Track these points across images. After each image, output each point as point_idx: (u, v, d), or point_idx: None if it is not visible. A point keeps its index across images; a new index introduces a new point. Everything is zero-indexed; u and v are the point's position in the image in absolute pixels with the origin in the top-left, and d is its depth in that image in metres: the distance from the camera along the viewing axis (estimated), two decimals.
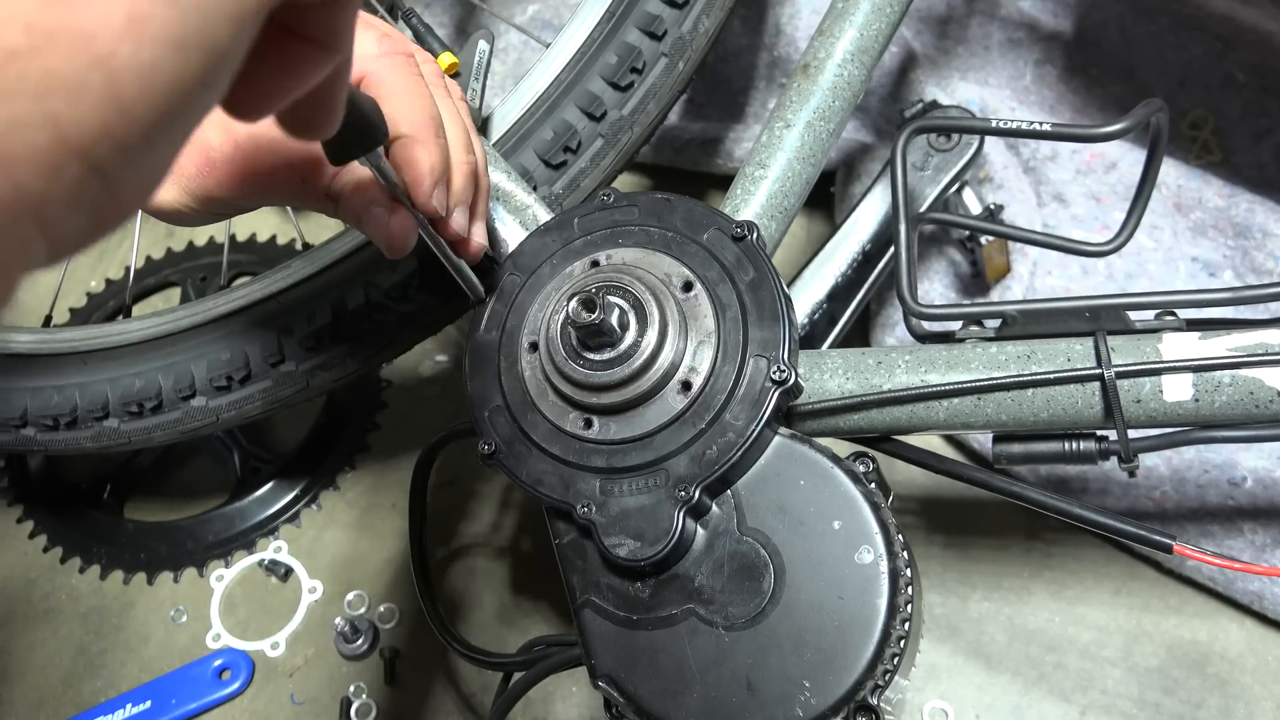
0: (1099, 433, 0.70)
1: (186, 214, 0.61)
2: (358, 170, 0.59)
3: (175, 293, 1.29)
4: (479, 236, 0.66)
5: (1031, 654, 0.92)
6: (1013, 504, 0.71)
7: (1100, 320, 0.68)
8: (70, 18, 0.25)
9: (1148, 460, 0.92)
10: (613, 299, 0.63)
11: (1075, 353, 0.67)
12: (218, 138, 0.57)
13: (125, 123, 0.27)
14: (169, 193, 0.59)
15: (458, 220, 0.63)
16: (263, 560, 1.11)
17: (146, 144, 0.28)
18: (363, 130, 0.51)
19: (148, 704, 1.02)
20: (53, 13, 0.25)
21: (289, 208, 1.23)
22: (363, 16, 0.52)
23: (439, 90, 0.63)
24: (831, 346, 0.90)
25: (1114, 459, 0.69)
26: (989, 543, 0.97)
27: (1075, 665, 0.91)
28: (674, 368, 0.63)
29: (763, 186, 0.77)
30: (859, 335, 1.07)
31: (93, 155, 0.26)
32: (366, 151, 0.53)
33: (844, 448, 0.67)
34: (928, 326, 0.74)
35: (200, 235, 1.32)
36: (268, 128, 0.48)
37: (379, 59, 0.59)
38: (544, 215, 0.75)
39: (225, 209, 0.61)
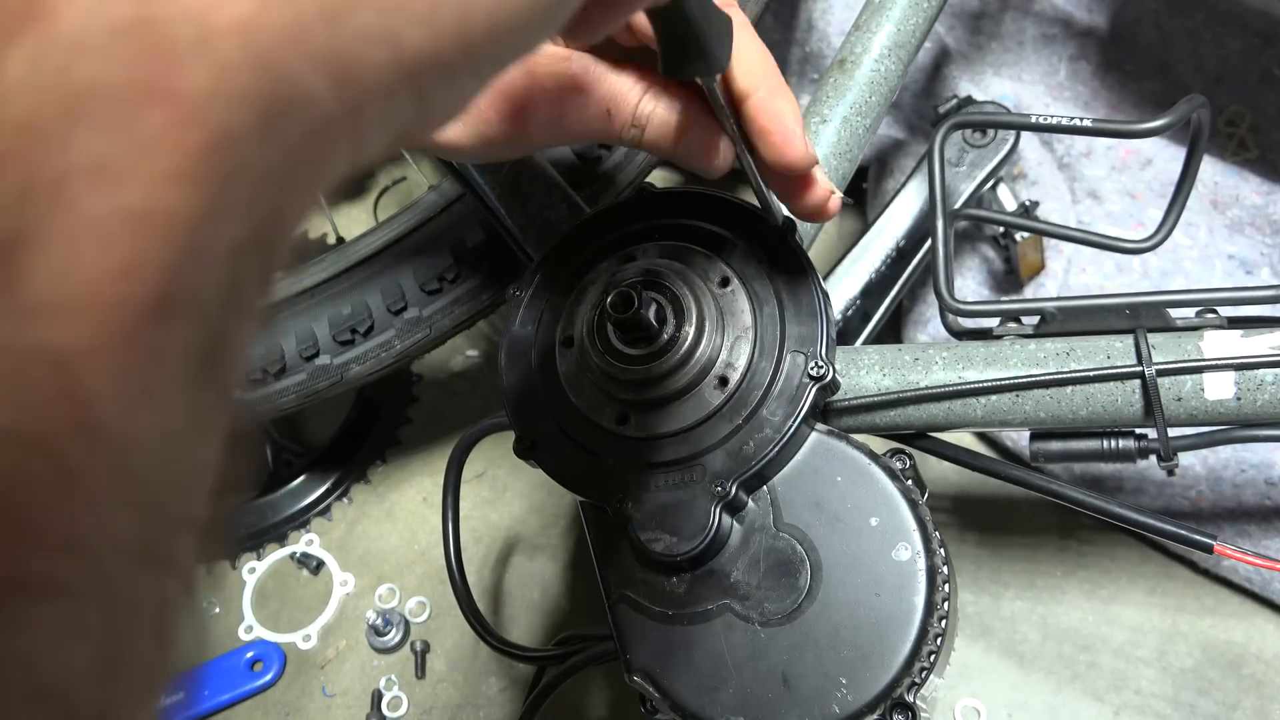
0: (1138, 431, 0.69)
1: (473, 153, 0.59)
2: (664, 96, 0.57)
3: None
4: (835, 200, 0.61)
5: (1065, 653, 0.92)
6: (1045, 502, 0.71)
7: (1140, 318, 0.67)
8: None
9: (1184, 459, 0.92)
10: (650, 294, 0.63)
11: (1115, 350, 0.66)
12: (522, 80, 0.56)
13: (461, 52, 0.25)
14: (460, 132, 0.57)
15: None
16: (294, 553, 1.11)
17: (474, 75, 0.27)
18: (713, 42, 0.48)
19: (180, 695, 1.03)
20: None
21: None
22: None
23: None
24: (865, 343, 0.89)
25: (1153, 458, 0.69)
26: (1022, 541, 0.97)
27: (1109, 665, 0.91)
28: (711, 363, 0.63)
29: None
30: (891, 332, 1.07)
31: (420, 80, 0.25)
32: (709, 73, 0.50)
33: (880, 444, 0.67)
34: (965, 323, 0.74)
35: None
36: (570, 63, 0.47)
37: None
38: (580, 209, 0.75)
39: (516, 149, 0.60)
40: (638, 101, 0.57)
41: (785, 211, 0.64)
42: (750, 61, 0.55)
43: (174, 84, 0.19)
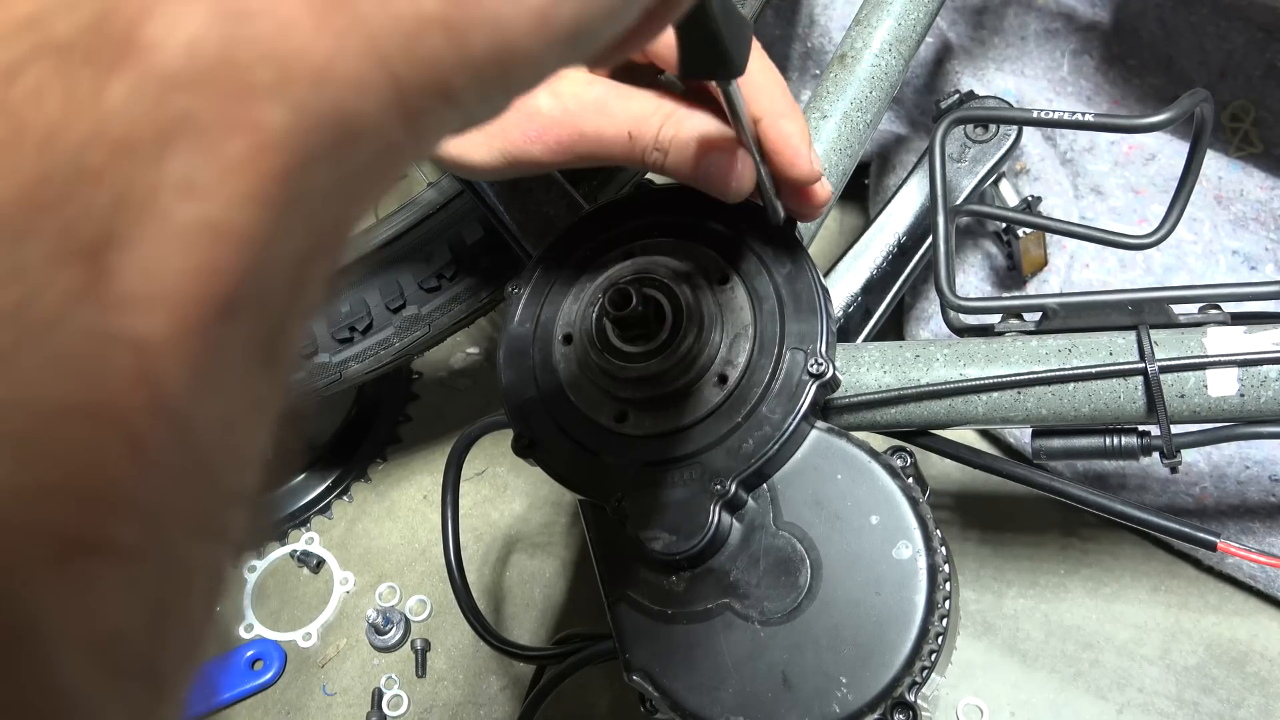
0: (1141, 428, 0.69)
1: (495, 172, 0.61)
2: (686, 120, 0.59)
3: None
4: (816, 166, 0.62)
5: (1068, 651, 0.91)
6: (1048, 500, 0.70)
7: (1143, 314, 0.67)
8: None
9: (1187, 456, 0.91)
10: (648, 291, 0.62)
11: (1118, 346, 0.66)
12: (546, 102, 0.58)
13: (499, 75, 0.27)
14: (484, 153, 0.60)
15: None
16: (294, 551, 1.11)
17: (506, 93, 0.28)
18: (732, 46, 0.47)
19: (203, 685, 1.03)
20: None
21: None
22: None
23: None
24: (866, 340, 0.89)
25: (1156, 455, 0.68)
26: (1024, 539, 0.96)
27: (1112, 663, 0.90)
28: (710, 360, 0.63)
29: None
30: (892, 329, 1.06)
31: (465, 103, 0.26)
32: (727, 76, 0.50)
33: (881, 442, 0.66)
34: (966, 320, 0.73)
35: None
36: (593, 88, 0.48)
37: None
38: (579, 206, 0.75)
39: (535, 169, 0.62)
40: (660, 126, 0.58)
41: (783, 210, 0.64)
42: (757, 84, 0.57)
43: (255, 118, 0.22)
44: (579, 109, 0.58)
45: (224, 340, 0.23)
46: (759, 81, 0.57)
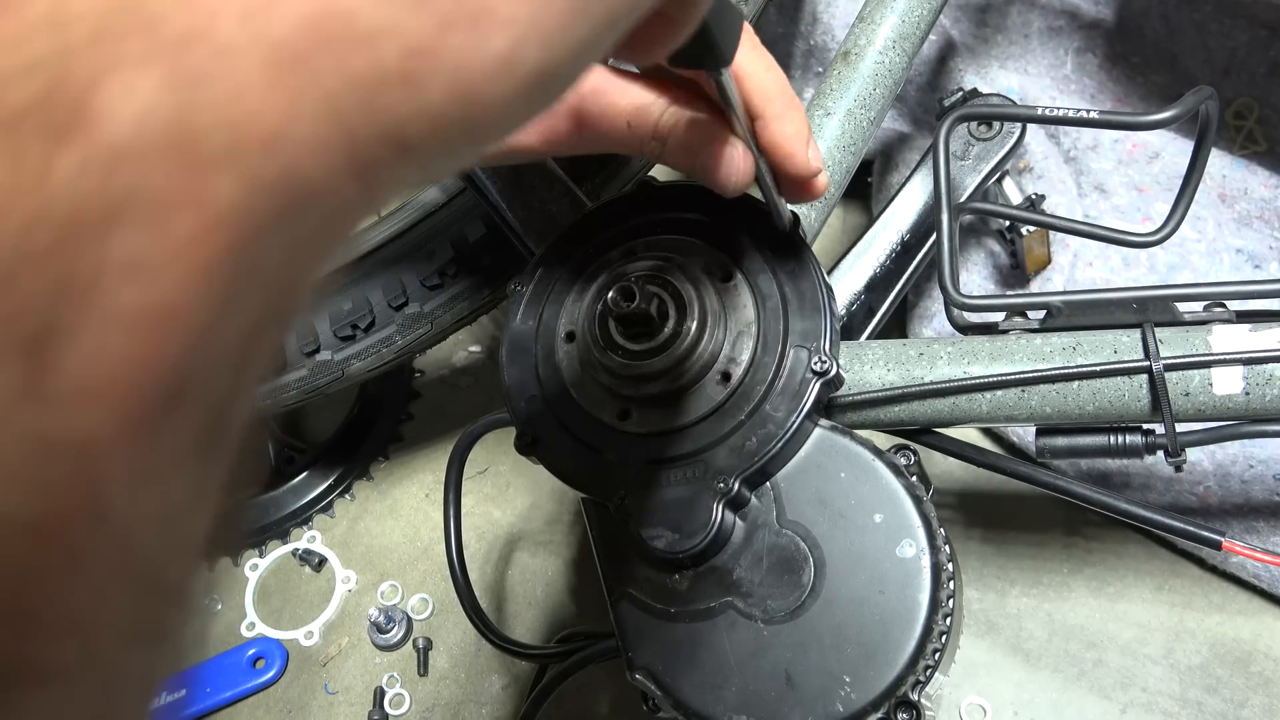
0: (1145, 426, 0.68)
1: (486, 159, 0.61)
2: (686, 110, 0.58)
3: None
4: (814, 162, 0.61)
5: (1071, 650, 0.91)
6: (1051, 499, 0.70)
7: (1148, 312, 0.67)
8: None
9: (1192, 455, 0.91)
10: (652, 288, 0.62)
11: (1122, 344, 0.65)
12: None
13: (463, 135, 0.26)
14: None
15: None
16: (296, 550, 1.11)
17: (472, 146, 0.27)
18: (720, 36, 0.47)
19: (183, 692, 1.03)
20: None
21: None
22: None
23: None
24: (870, 338, 0.89)
25: (1160, 453, 0.68)
26: (1028, 538, 0.96)
27: (1116, 662, 0.90)
28: (713, 358, 0.63)
29: None
30: (896, 327, 1.06)
31: (427, 161, 0.26)
32: (715, 66, 0.49)
33: (885, 440, 0.66)
34: (970, 318, 0.73)
35: None
36: (592, 76, 0.48)
37: None
38: (582, 204, 0.75)
39: (532, 156, 0.61)
40: (659, 115, 0.57)
41: (789, 210, 0.64)
42: (755, 83, 0.56)
43: (206, 191, 0.21)
44: (577, 97, 0.57)
45: (167, 432, 0.22)
46: (757, 80, 0.56)
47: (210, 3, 0.21)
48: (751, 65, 0.55)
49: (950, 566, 0.61)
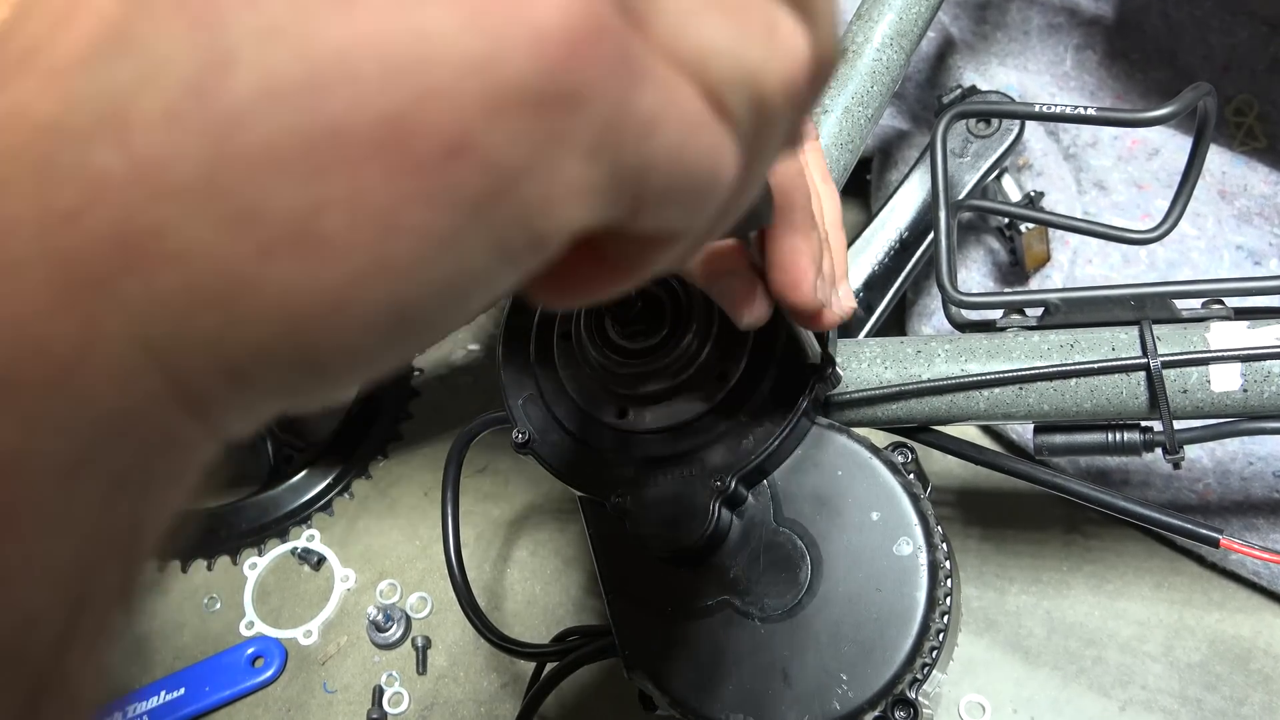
0: (1143, 423, 0.68)
1: None
2: None
3: None
4: (845, 302, 0.55)
5: (1070, 648, 0.91)
6: (1050, 496, 0.70)
7: (1146, 309, 0.67)
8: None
9: (1191, 453, 0.90)
10: (649, 286, 0.62)
11: (1120, 342, 0.65)
12: None
13: (307, 371, 0.22)
14: None
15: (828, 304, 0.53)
16: (295, 548, 1.11)
17: (314, 388, 0.23)
18: (751, 215, 0.43)
19: (181, 691, 1.03)
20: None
21: None
22: None
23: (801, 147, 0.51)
24: (868, 336, 0.89)
25: (1158, 451, 0.68)
26: (1027, 536, 0.96)
27: (1115, 660, 0.90)
28: (710, 356, 0.63)
29: None
30: (895, 325, 1.06)
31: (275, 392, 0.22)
32: (746, 232, 0.46)
33: (882, 438, 0.66)
34: (968, 315, 0.73)
35: None
36: None
37: None
38: None
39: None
40: None
41: (817, 347, 0.60)
42: (775, 188, 0.47)
43: None
44: None
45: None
46: (776, 179, 0.47)
47: (6, 218, 0.19)
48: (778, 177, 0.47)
49: (948, 564, 0.61)
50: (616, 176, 0.23)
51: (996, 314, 0.73)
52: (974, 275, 1.05)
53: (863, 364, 0.69)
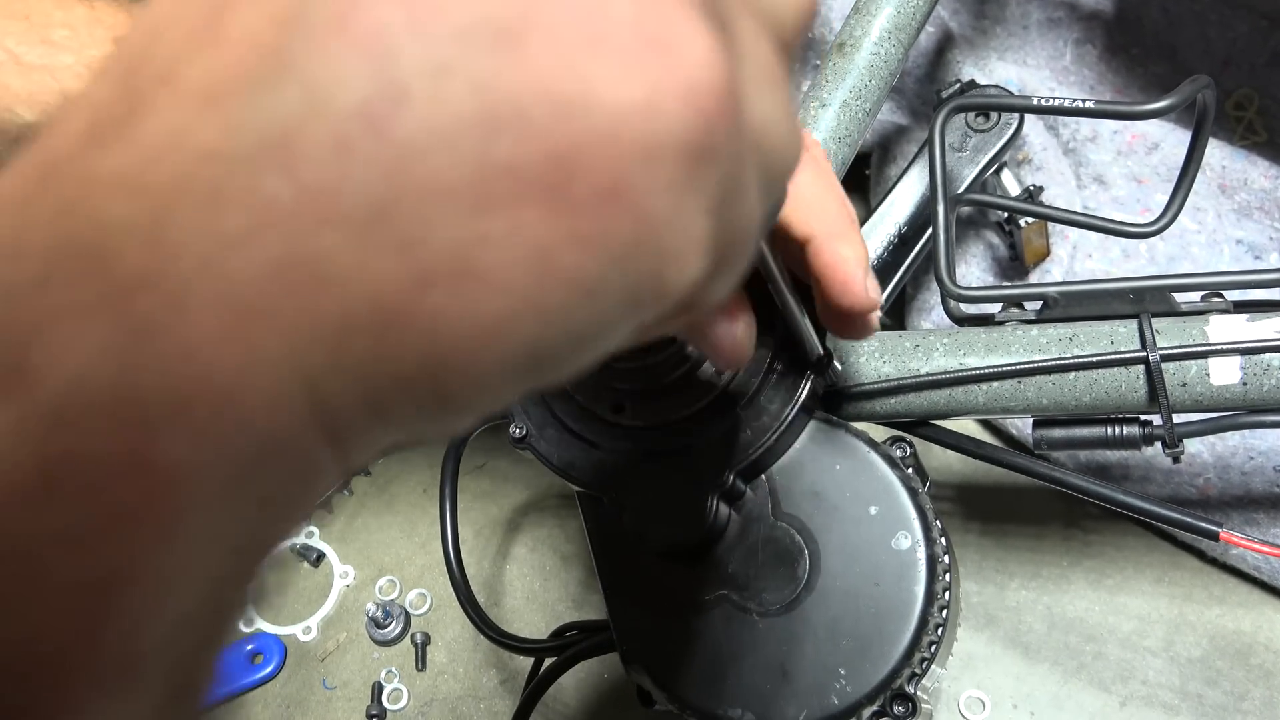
0: (1143, 417, 0.68)
1: None
2: None
3: None
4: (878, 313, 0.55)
5: (1070, 643, 0.91)
6: (1050, 491, 0.70)
7: (1145, 302, 0.66)
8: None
9: (1191, 446, 0.90)
10: None
11: (1119, 335, 0.65)
12: None
13: (439, 405, 0.23)
14: None
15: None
16: (294, 545, 1.11)
17: (442, 421, 0.24)
18: None
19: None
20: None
21: None
22: None
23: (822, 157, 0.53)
24: None
25: (1158, 444, 0.68)
26: (1027, 530, 0.96)
27: (1115, 655, 0.90)
28: None
29: None
30: (894, 320, 1.06)
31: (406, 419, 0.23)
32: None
33: (880, 432, 0.66)
34: (966, 309, 0.73)
35: None
36: None
37: None
38: None
39: None
40: None
41: (818, 345, 0.61)
42: (808, 199, 0.48)
43: (148, 457, 0.20)
44: None
45: (129, 700, 0.21)
46: (809, 196, 0.48)
47: (174, 243, 0.19)
48: (805, 178, 0.48)
49: (946, 559, 0.60)
50: (723, 234, 0.24)
51: (995, 308, 0.72)
52: (973, 270, 1.05)
53: (861, 358, 0.69)
